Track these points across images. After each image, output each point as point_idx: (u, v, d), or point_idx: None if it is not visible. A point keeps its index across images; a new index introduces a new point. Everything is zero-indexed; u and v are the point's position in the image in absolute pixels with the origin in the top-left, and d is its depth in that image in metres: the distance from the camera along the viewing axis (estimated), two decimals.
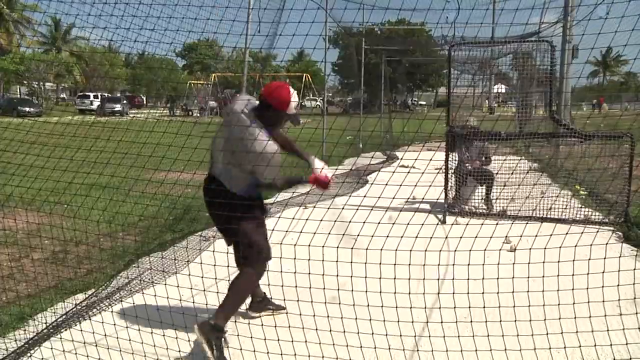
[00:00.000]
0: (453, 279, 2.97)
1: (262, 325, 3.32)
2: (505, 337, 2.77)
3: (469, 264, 2.79)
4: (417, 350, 3.07)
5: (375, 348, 2.85)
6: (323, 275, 2.73)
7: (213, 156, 3.13)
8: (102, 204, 5.72)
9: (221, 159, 3.03)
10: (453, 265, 2.94)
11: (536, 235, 2.88)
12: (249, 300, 3.47)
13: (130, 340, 2.98)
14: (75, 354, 2.93)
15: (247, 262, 3.09)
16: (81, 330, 3.19)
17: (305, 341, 2.84)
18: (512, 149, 9.58)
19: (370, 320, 2.81)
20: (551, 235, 2.86)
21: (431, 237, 2.84)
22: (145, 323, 3.17)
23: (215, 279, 3.07)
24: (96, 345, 2.99)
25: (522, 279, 2.88)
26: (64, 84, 50.39)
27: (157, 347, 2.91)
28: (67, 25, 47.00)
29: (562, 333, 2.81)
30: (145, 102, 54.46)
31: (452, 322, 2.94)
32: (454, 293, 2.88)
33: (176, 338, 3.07)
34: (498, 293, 2.82)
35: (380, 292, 2.74)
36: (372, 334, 2.81)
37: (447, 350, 2.86)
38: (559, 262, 2.83)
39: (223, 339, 2.92)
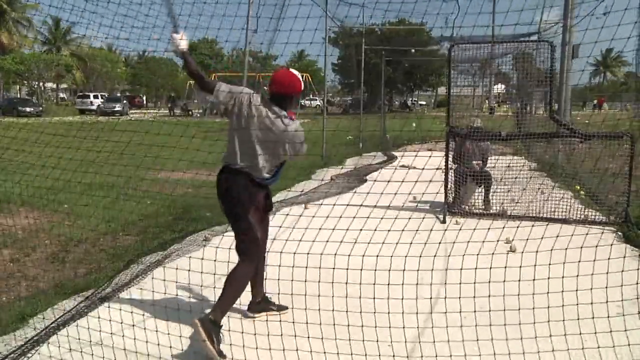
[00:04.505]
0: (446, 282, 2.98)
1: (266, 321, 3.32)
2: (502, 340, 2.77)
3: (463, 261, 2.80)
4: (420, 342, 3.07)
5: (377, 341, 2.85)
6: (320, 267, 2.73)
7: (237, 149, 3.11)
8: (101, 203, 5.73)
9: (250, 150, 3.09)
10: (447, 269, 2.94)
11: (528, 230, 2.89)
12: (248, 300, 3.47)
13: (132, 338, 2.98)
14: (76, 353, 2.93)
15: (241, 256, 3.12)
16: (84, 329, 3.19)
17: (308, 337, 2.85)
18: (512, 148, 9.58)
19: (375, 312, 2.81)
20: (541, 230, 2.86)
21: (430, 232, 2.84)
22: (146, 321, 3.18)
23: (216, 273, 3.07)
24: (98, 344, 2.99)
25: (522, 280, 2.88)
26: (64, 84, 50.43)
27: (160, 345, 2.91)
28: (67, 26, 47.00)
29: (545, 334, 2.81)
30: (145, 102, 54.50)
31: (452, 310, 2.94)
32: (445, 296, 2.88)
33: (180, 336, 3.07)
34: (489, 296, 2.83)
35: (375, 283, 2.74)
36: (376, 326, 2.82)
37: (448, 340, 2.87)
38: (550, 260, 2.83)
39: (221, 334, 2.93)
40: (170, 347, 2.93)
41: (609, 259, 2.84)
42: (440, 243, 3.18)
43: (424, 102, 62.48)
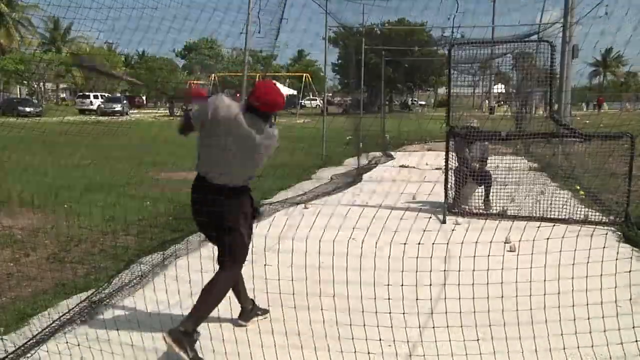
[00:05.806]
0: (445, 284, 2.97)
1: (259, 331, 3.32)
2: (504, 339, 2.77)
3: (464, 262, 2.79)
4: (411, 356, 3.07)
5: (369, 354, 2.85)
6: (320, 270, 2.73)
7: (213, 160, 3.01)
8: (102, 203, 5.72)
9: (230, 161, 2.96)
10: (445, 271, 2.94)
11: (527, 230, 2.88)
12: (238, 309, 3.40)
13: (132, 338, 2.98)
14: (76, 352, 2.93)
15: (228, 263, 3.04)
16: (84, 329, 3.19)
17: (302, 347, 2.84)
18: (512, 148, 9.58)
19: (376, 312, 2.80)
20: (540, 230, 2.86)
21: (424, 232, 2.84)
22: (147, 321, 3.18)
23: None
24: (98, 344, 2.99)
25: (522, 280, 2.88)
26: (64, 84, 50.40)
27: (156, 344, 2.92)
28: (67, 25, 46.96)
29: (543, 334, 2.81)
30: (145, 103, 54.46)
31: (452, 311, 2.94)
32: (445, 298, 2.88)
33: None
34: (487, 297, 2.82)
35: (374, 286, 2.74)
36: (378, 325, 2.81)
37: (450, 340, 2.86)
38: (549, 261, 2.83)
39: (196, 341, 2.86)
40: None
41: (614, 260, 2.84)
42: (433, 242, 3.18)
43: (424, 102, 62.46)
